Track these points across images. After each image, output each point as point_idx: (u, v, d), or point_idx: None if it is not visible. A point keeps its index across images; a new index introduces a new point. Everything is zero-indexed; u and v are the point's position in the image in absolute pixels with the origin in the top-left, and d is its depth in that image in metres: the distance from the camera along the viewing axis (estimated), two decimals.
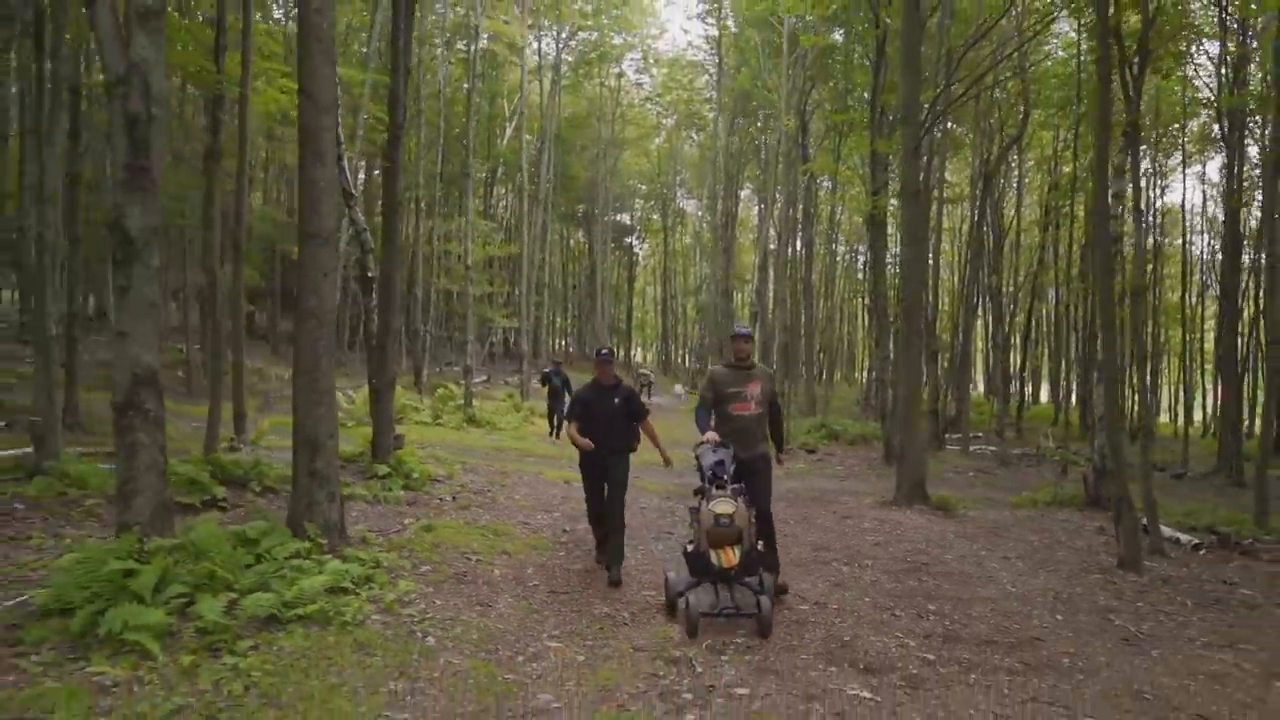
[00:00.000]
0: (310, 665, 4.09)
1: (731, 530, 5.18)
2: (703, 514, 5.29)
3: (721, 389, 6.03)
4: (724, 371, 6.19)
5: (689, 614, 5.06)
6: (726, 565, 5.17)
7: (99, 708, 3.43)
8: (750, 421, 5.99)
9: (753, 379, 6.05)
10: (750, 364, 6.13)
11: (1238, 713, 4.34)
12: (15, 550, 5.54)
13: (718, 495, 5.30)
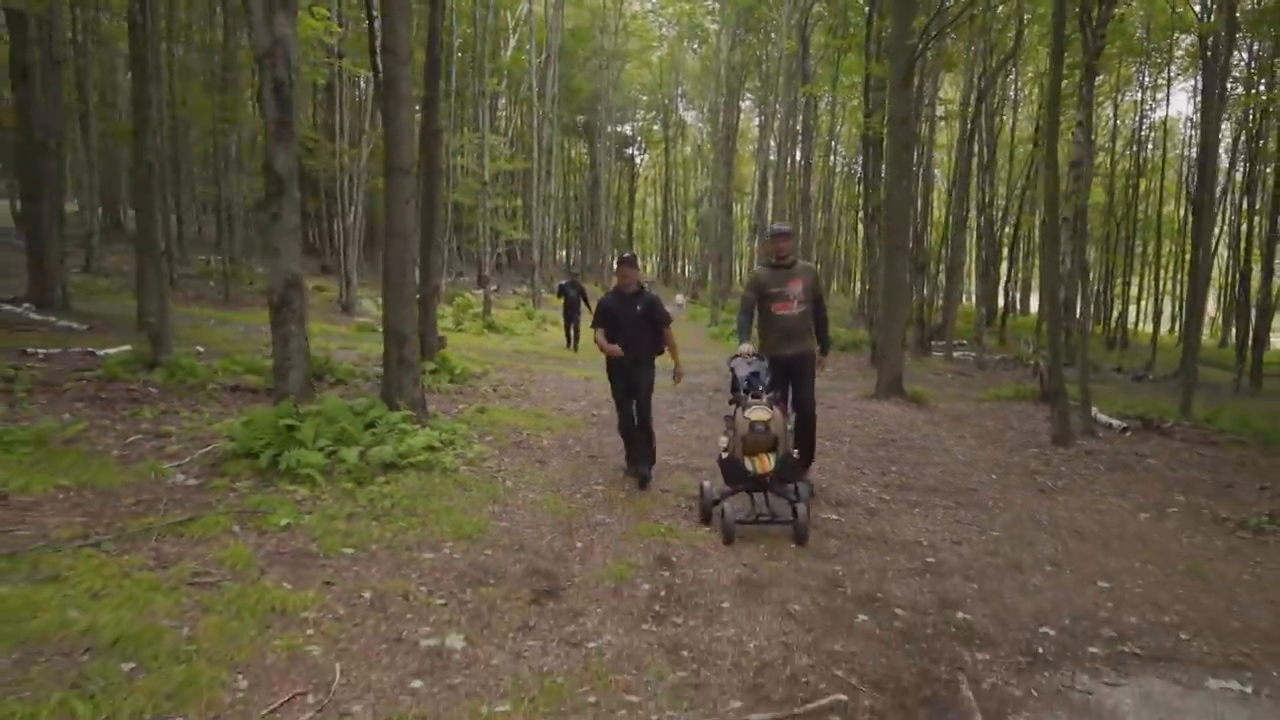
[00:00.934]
0: (428, 495, 5.61)
1: (767, 437, 5.13)
2: (738, 421, 5.23)
3: (763, 289, 5.94)
4: (764, 271, 6.07)
5: (725, 522, 5.03)
6: (762, 472, 5.13)
7: (301, 509, 4.96)
8: (793, 321, 5.90)
9: (794, 277, 5.94)
10: (791, 261, 5.99)
11: (1104, 530, 5.92)
12: (172, 419, 7.04)
13: (753, 402, 5.27)
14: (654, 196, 63.46)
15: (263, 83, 5.66)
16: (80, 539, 4.16)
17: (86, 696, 2.83)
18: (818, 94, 24.24)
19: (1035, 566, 5.05)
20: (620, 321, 6.37)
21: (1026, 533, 5.79)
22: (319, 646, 3.40)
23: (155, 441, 6.28)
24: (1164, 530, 6.03)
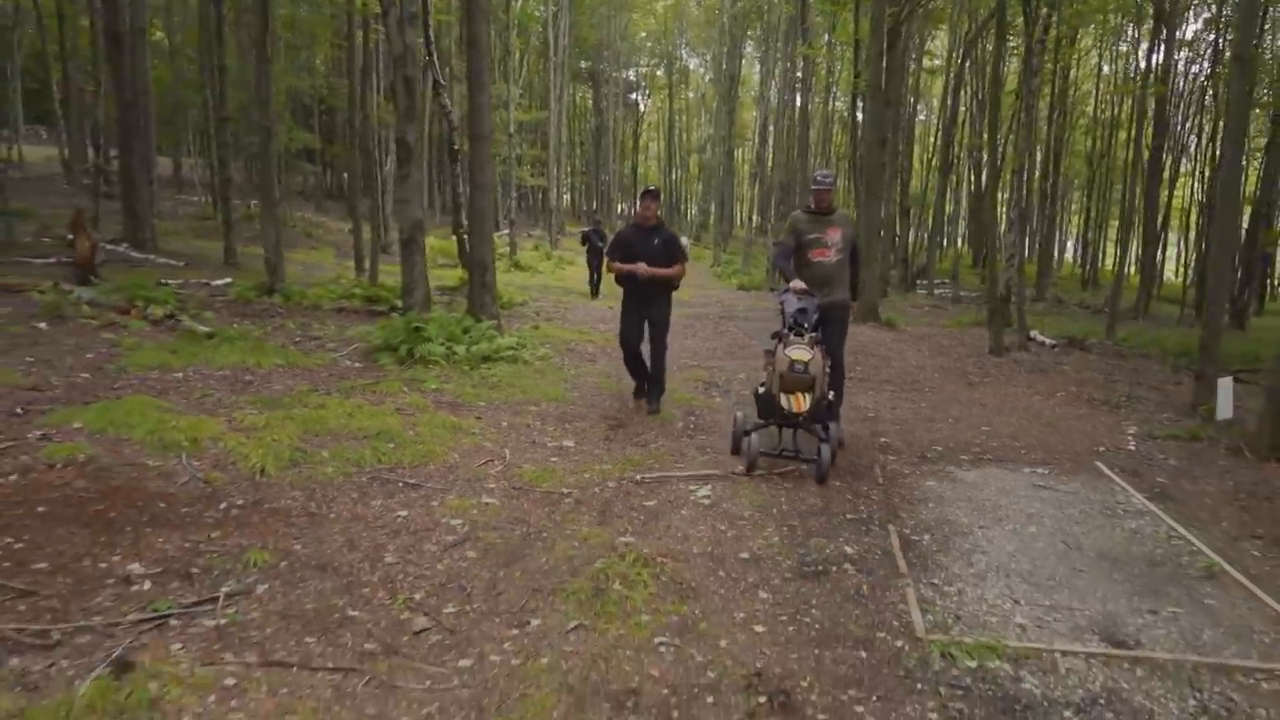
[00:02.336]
0: (519, 376, 7.87)
1: (805, 377, 5.15)
2: (778, 358, 5.25)
3: (801, 235, 5.95)
4: (803, 217, 6.05)
5: (749, 450, 5.16)
6: (796, 411, 5.18)
7: (440, 380, 7.23)
8: (830, 268, 5.91)
9: (833, 225, 5.95)
10: (831, 209, 6.01)
11: (1003, 404, 8.21)
12: (312, 328, 9.28)
13: (795, 341, 5.29)
14: (657, 141, 64.77)
15: (395, 78, 7.75)
16: (315, 391, 6.45)
17: (379, 453, 5.13)
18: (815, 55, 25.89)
19: (943, 420, 7.36)
20: (636, 254, 6.54)
21: (946, 405, 8.10)
22: (490, 443, 5.70)
23: (314, 341, 8.55)
24: (1046, 405, 8.33)
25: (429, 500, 4.52)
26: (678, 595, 3.58)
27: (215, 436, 5.01)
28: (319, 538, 3.91)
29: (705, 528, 4.40)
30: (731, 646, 3.18)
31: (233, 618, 3.12)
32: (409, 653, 3.00)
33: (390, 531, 4.07)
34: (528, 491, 4.77)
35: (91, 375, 6.31)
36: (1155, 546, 4.49)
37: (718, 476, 5.27)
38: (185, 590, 3.29)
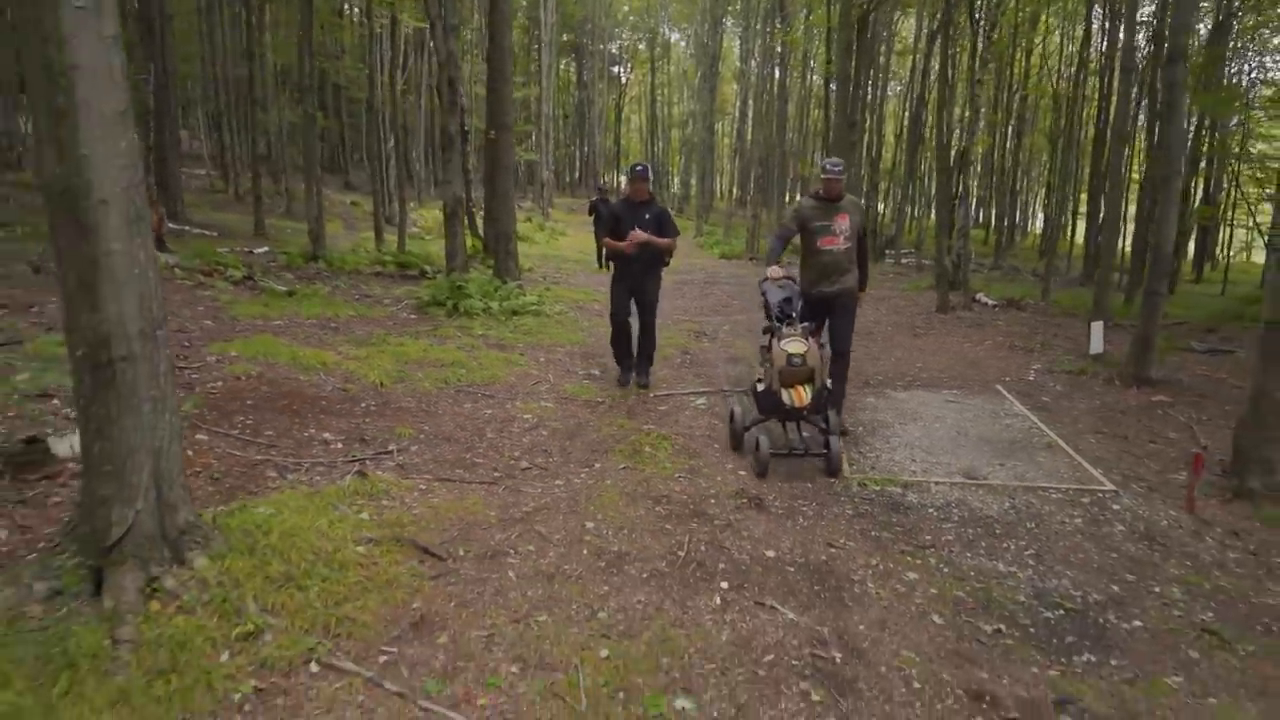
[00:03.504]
0: (544, 326, 9.59)
1: (803, 370, 5.11)
2: (774, 353, 5.18)
3: (808, 223, 5.82)
4: (811, 204, 5.90)
5: (759, 455, 5.02)
6: (798, 404, 5.12)
7: (484, 328, 8.95)
8: (839, 256, 5.78)
9: (842, 212, 5.80)
10: (839, 195, 5.83)
11: (940, 349, 10.04)
12: (362, 288, 10.92)
13: (789, 334, 5.25)
14: (638, 114, 65.96)
15: (440, 79, 9.36)
16: (390, 335, 8.16)
17: (455, 375, 6.87)
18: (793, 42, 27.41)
19: (886, 358, 9.20)
20: (627, 229, 6.60)
21: (891, 349, 9.93)
22: (535, 370, 7.45)
23: (369, 298, 10.23)
24: (974, 349, 10.19)
25: (503, 404, 6.28)
26: (687, 454, 5.38)
27: (335, 363, 6.73)
28: (437, 424, 5.66)
29: (702, 421, 6.20)
30: (724, 479, 4.99)
31: (405, 460, 4.87)
32: (522, 478, 4.78)
33: (483, 421, 5.83)
34: (572, 400, 6.54)
35: (213, 322, 7.96)
36: (1019, 434, 6.35)
37: (709, 392, 7.07)
38: (366, 448, 5.03)
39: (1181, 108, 7.56)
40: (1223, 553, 4.40)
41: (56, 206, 2.82)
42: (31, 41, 2.66)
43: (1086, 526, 4.63)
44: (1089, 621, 3.59)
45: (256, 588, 3.11)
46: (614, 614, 3.34)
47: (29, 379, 5.26)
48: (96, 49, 2.71)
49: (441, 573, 3.53)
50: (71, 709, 2.42)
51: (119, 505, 2.97)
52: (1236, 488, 5.15)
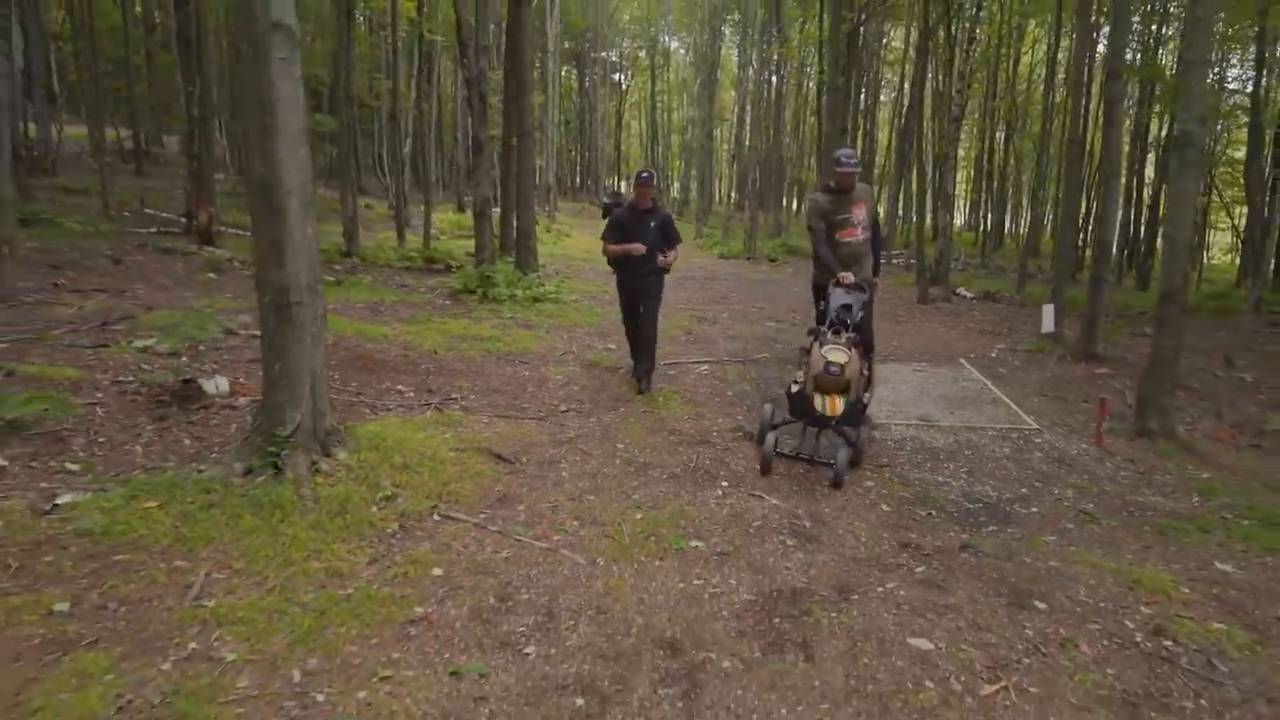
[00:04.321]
0: (563, 311, 10.77)
1: (840, 380, 4.99)
2: (813, 357, 5.10)
3: (828, 216, 5.78)
4: (826, 198, 5.85)
5: (764, 451, 5.03)
6: (831, 413, 5.01)
7: (513, 311, 10.15)
8: (859, 246, 5.79)
9: (857, 202, 5.77)
10: (851, 185, 5.79)
11: (917, 333, 11.23)
12: (396, 280, 12.12)
13: (832, 341, 5.14)
14: (639, 120, 67.27)
15: (472, 94, 10.57)
16: (433, 316, 9.35)
17: (494, 346, 8.06)
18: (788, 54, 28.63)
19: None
20: (632, 237, 6.56)
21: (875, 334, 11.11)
22: (560, 344, 8.64)
23: (405, 287, 11.42)
24: (948, 333, 11.38)
25: (537, 368, 7.47)
26: (693, 404, 6.57)
27: (393, 335, 7.92)
28: (486, 380, 6.85)
29: (705, 383, 7.40)
30: (723, 421, 6.18)
31: (467, 404, 6.06)
32: (562, 417, 5.97)
33: (524, 379, 7.02)
34: (595, 365, 7.73)
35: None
36: (971, 393, 7.55)
37: (711, 361, 8.27)
38: (433, 396, 6.22)
39: (1118, 119, 8.77)
40: (1115, 472, 5.60)
41: (256, 195, 4.01)
42: (249, 81, 3.86)
43: (1012, 454, 5.84)
44: (998, 509, 4.78)
45: (385, 471, 4.30)
46: (643, 497, 4.53)
47: (156, 342, 6.46)
48: (290, 86, 3.91)
49: (512, 470, 4.73)
50: (286, 530, 3.60)
51: (290, 408, 4.15)
52: (1139, 428, 6.35)
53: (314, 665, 2.73)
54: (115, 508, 3.59)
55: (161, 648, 2.72)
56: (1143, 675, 3.02)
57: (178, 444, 4.61)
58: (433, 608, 3.18)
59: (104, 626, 2.81)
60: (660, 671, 2.87)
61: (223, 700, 2.50)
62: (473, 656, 2.88)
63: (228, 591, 3.10)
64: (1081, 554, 4.12)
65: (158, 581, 3.12)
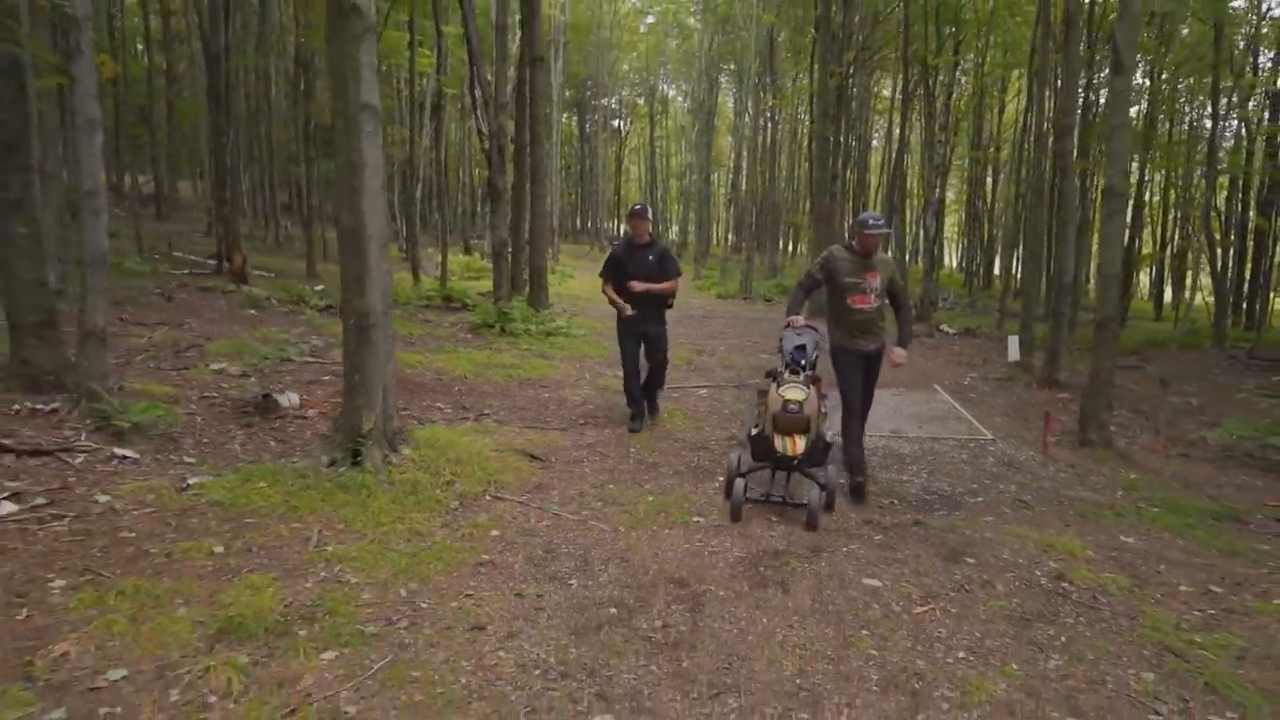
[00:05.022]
0: (573, 344, 11.76)
1: (800, 418, 4.94)
2: (771, 398, 5.05)
3: (839, 277, 5.49)
4: (844, 257, 5.53)
5: (733, 499, 4.90)
6: (791, 453, 4.96)
7: (528, 343, 11.14)
8: (871, 315, 5.57)
9: (873, 269, 5.50)
10: (874, 252, 5.51)
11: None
12: (419, 317, 13.12)
13: (790, 380, 5.08)
14: (638, 165, 69.08)
15: (491, 147, 11.68)
16: (459, 347, 10.33)
17: (516, 373, 9.04)
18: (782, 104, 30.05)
19: None
20: (630, 271, 6.60)
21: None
22: (574, 371, 9.62)
23: (429, 323, 12.42)
24: (927, 364, 12.37)
25: (556, 391, 8.44)
26: (694, 420, 7.53)
27: (426, 363, 8.89)
28: (513, 400, 7.81)
29: (705, 404, 8.36)
30: (720, 433, 7.13)
31: (499, 418, 7.02)
32: (581, 429, 6.92)
33: (545, 399, 7.99)
34: (607, 389, 8.70)
35: (319, 338, 10.14)
36: (940, 413, 8.51)
37: (710, 386, 9.24)
38: (468, 412, 7.17)
39: (1070, 171, 9.87)
40: (1055, 474, 6.55)
41: (345, 239, 5.02)
42: (342, 149, 4.89)
43: (968, 459, 6.79)
44: (950, 499, 5.72)
45: (442, 464, 5.24)
46: (653, 487, 5.47)
47: (228, 365, 7.43)
48: (374, 154, 4.94)
49: (544, 466, 5.68)
50: (372, 503, 4.53)
51: (366, 411, 5.11)
52: (1081, 439, 7.31)
53: (414, 588, 3.65)
54: (234, 487, 4.53)
55: (301, 574, 3.65)
56: (1040, 604, 3.95)
57: (265, 444, 5.57)
58: (495, 555, 4.11)
59: (254, 561, 3.74)
60: (672, 595, 3.80)
61: (355, 605, 3.42)
62: (530, 585, 3.81)
63: (339, 542, 4.04)
64: (1012, 529, 5.06)
65: (283, 535, 4.05)
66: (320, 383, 7.49)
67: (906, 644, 3.47)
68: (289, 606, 3.32)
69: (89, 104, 5.20)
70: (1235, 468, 7.22)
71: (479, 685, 2.93)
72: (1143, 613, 3.91)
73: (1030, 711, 2.99)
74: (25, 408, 5.30)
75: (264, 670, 2.88)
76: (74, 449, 4.87)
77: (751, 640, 3.42)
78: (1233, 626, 3.85)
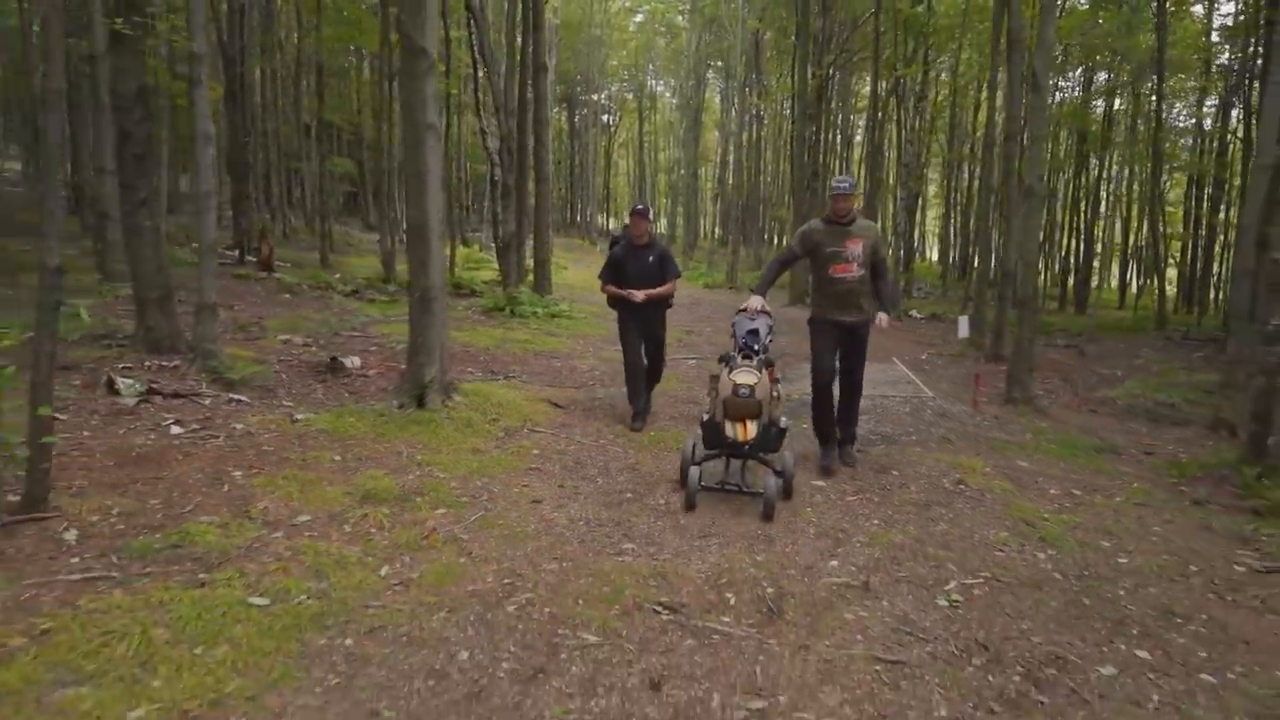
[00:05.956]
0: (576, 325, 13.17)
1: (751, 403, 4.86)
2: (722, 382, 4.98)
3: (818, 248, 5.43)
4: (820, 227, 5.46)
5: (688, 488, 4.81)
6: (742, 439, 4.90)
7: (535, 325, 12.53)
8: (853, 284, 5.47)
9: (853, 236, 5.40)
10: (852, 219, 5.44)
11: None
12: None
13: (742, 364, 5.03)
14: (626, 159, 70.38)
15: (503, 148, 13.04)
16: (477, 326, 11.71)
17: (529, 346, 10.44)
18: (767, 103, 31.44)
19: None
20: (629, 272, 6.65)
21: None
22: (579, 346, 11.02)
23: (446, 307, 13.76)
24: (894, 343, 13.78)
25: (566, 360, 9.84)
26: (685, 382, 8.96)
27: (452, 338, 10.21)
28: (531, 367, 9.21)
29: (693, 371, 9.79)
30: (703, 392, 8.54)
31: (523, 379, 8.41)
32: (592, 388, 8.33)
33: (559, 367, 9.39)
34: (611, 360, 10.09)
35: (351, 316, 11.48)
36: (894, 379, 9.97)
37: (698, 358, 10.68)
38: (496, 375, 8.56)
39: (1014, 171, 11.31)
40: (980, 423, 8.01)
41: (412, 230, 6.40)
42: (410, 160, 6.27)
43: (910, 412, 8.23)
44: (889, 438, 7.16)
45: (487, 407, 6.64)
46: (654, 427, 6.90)
47: (292, 337, 8.80)
48: (435, 163, 6.32)
49: (566, 412, 7.09)
50: (439, 432, 5.92)
51: (428, 366, 6.49)
52: (1007, 397, 8.78)
53: (485, 480, 5.06)
54: (332, 420, 5.92)
55: (403, 471, 5.05)
56: (940, 498, 5.39)
57: (340, 395, 6.96)
58: (539, 465, 5.53)
59: (366, 464, 5.13)
60: (670, 488, 5.22)
61: (446, 489, 4.82)
62: (568, 481, 5.23)
63: (423, 454, 5.44)
64: (933, 455, 6.51)
65: (380, 450, 5.44)
66: (370, 350, 8.87)
67: (837, 515, 4.91)
68: (403, 487, 4.72)
69: (205, 122, 6.56)
70: (1131, 419, 8.71)
71: (544, 529, 4.35)
72: (1014, 503, 5.36)
73: (915, 549, 4.43)
74: (154, 364, 6.67)
75: (400, 517, 4.29)
76: (201, 394, 6.24)
77: (726, 512, 4.84)
78: (1078, 512, 5.31)
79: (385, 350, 8.99)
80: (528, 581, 3.67)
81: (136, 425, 5.39)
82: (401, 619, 3.22)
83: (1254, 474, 5.82)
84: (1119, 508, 5.47)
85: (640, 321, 6.82)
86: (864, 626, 3.49)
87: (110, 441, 5.00)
